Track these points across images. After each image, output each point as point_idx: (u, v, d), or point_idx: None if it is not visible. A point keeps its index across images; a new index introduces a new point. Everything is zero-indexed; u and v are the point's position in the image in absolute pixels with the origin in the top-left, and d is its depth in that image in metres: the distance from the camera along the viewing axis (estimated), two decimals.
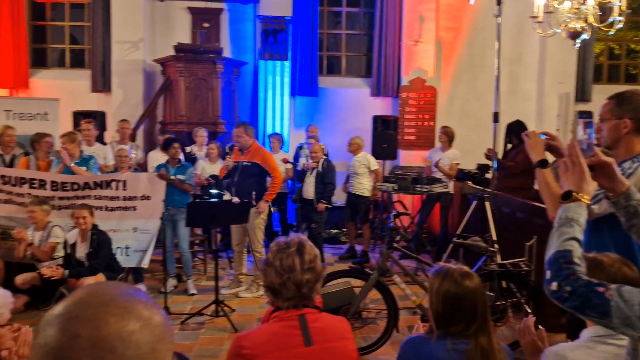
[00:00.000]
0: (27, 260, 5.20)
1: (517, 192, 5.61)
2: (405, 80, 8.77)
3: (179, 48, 7.76)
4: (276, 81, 8.51)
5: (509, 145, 6.28)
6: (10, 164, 5.74)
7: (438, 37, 8.76)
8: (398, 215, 6.71)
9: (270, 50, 8.45)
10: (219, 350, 4.26)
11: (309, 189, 6.52)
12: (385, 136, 8.07)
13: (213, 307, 4.94)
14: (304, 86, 8.89)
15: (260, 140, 7.73)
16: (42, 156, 5.75)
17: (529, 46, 8.92)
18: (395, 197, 7.42)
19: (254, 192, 5.46)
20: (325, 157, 6.67)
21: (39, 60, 9.09)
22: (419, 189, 6.50)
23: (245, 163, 5.61)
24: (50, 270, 4.77)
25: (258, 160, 5.57)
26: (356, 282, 4.45)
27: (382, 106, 9.09)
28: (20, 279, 4.98)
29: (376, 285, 4.20)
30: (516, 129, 5.89)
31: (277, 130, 8.26)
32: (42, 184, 5.39)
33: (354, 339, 2.03)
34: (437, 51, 8.75)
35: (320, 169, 6.50)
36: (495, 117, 4.81)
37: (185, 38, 8.62)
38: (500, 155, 6.01)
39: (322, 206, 6.37)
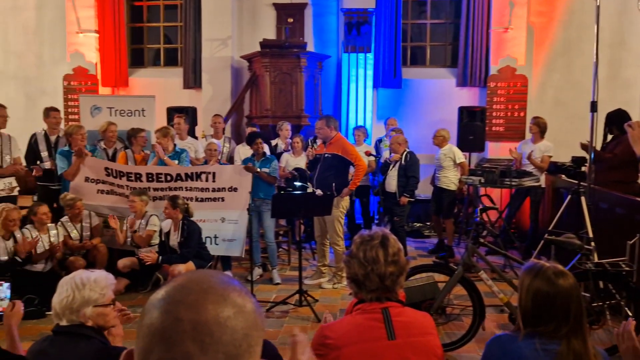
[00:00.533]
0: (128, 247, 5.60)
1: (617, 187, 5.21)
2: (493, 69, 8.43)
3: (265, 44, 7.96)
4: (359, 74, 8.49)
5: (609, 137, 5.85)
6: (113, 158, 6.18)
7: (529, 23, 8.32)
8: (485, 209, 6.47)
9: (353, 42, 8.44)
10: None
11: (392, 182, 6.46)
12: (472, 128, 7.81)
13: (297, 296, 5.06)
14: (387, 78, 8.81)
15: (343, 133, 7.76)
16: (137, 150, 6.15)
17: (632, 29, 8.23)
18: (482, 190, 7.17)
19: (333, 184, 5.50)
20: (407, 149, 6.57)
21: (137, 60, 9.71)
22: (507, 183, 6.23)
23: (326, 155, 5.68)
24: (146, 254, 5.12)
25: (338, 151, 5.60)
26: (440, 277, 4.36)
27: (468, 97, 8.80)
28: (121, 262, 5.38)
29: (461, 281, 4.09)
30: (617, 119, 5.47)
31: (360, 123, 8.26)
32: (138, 176, 5.76)
33: (437, 334, 2.00)
34: (528, 37, 8.32)
35: (403, 161, 6.42)
36: (593, 107, 4.49)
37: (271, 34, 8.82)
38: (599, 147, 5.61)
39: (404, 200, 6.30)
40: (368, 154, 6.85)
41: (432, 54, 9.43)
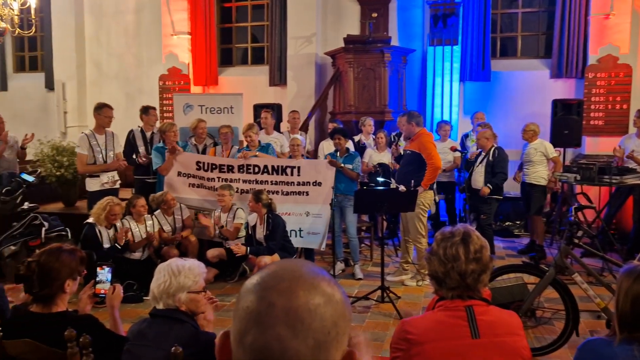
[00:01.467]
0: (217, 239, 5.85)
1: None
2: (592, 59, 7.87)
3: (348, 40, 7.97)
4: (445, 67, 8.27)
5: None
6: (203, 153, 6.48)
7: (634, 8, 7.67)
8: (580, 208, 6.07)
9: (439, 35, 8.23)
10: (384, 335, 4.33)
11: (478, 179, 6.23)
12: (567, 122, 7.33)
13: (379, 292, 5.04)
14: (475, 71, 8.51)
15: (428, 128, 7.60)
16: (226, 147, 6.41)
17: None
18: (577, 188, 6.73)
19: (412, 181, 5.40)
20: (495, 145, 6.30)
21: (226, 59, 10.10)
22: (606, 180, 5.80)
23: (407, 151, 5.60)
24: (236, 246, 5.33)
25: (416, 148, 5.49)
26: (530, 279, 4.15)
27: (563, 89, 8.28)
28: (210, 253, 5.63)
29: (552, 283, 3.87)
30: None
31: (446, 118, 8.04)
32: (230, 168, 6.02)
33: (524, 335, 1.91)
34: (633, 24, 7.68)
35: (490, 157, 6.16)
36: None
37: (355, 29, 8.82)
38: None
39: (485, 190, 5.96)
40: (453, 149, 6.66)
41: (523, 44, 8.98)
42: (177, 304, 2.19)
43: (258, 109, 7.86)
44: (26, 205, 5.53)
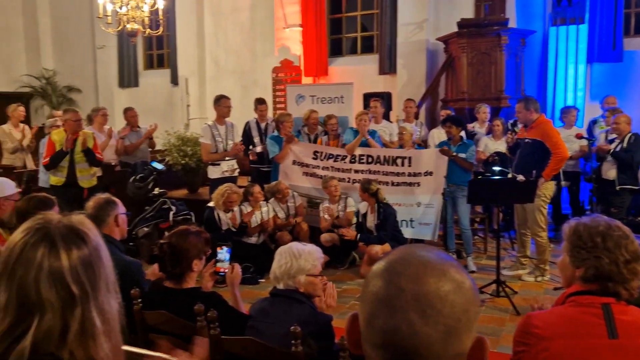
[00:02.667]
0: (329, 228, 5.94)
1: None
2: None
3: (462, 24, 7.67)
4: (569, 48, 7.66)
5: None
6: (315, 142, 6.63)
7: None
8: None
9: (562, 14, 7.64)
10: (500, 330, 4.15)
11: (610, 169, 5.71)
12: None
13: (494, 286, 4.83)
14: (604, 51, 7.78)
15: (549, 115, 7.11)
16: (332, 136, 6.49)
17: None
18: None
19: (534, 172, 5.07)
20: (631, 131, 5.72)
21: (336, 50, 10.20)
22: None
23: (527, 140, 5.25)
24: (346, 230, 5.40)
25: (538, 136, 5.13)
26: None
27: None
28: (324, 237, 5.74)
29: None
30: None
31: (570, 103, 7.46)
32: (343, 157, 6.10)
33: None
34: None
35: (625, 144, 5.61)
36: None
37: (468, 13, 8.47)
38: None
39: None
40: (579, 136, 6.16)
41: None
42: (296, 285, 2.27)
43: (368, 98, 7.86)
44: (156, 190, 6.04)
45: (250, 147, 6.66)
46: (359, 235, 5.48)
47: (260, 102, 6.81)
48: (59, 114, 7.61)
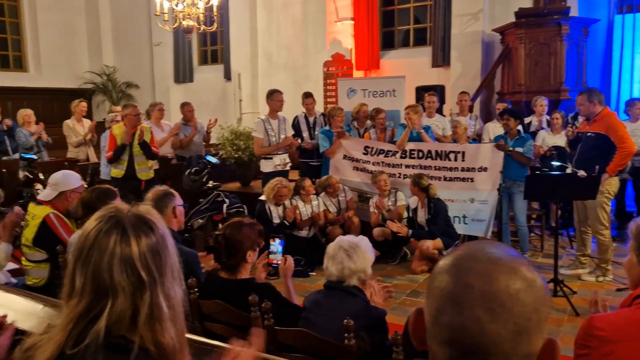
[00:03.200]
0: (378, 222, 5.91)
1: None
2: None
3: (520, 13, 7.42)
4: (636, 37, 7.26)
5: None
6: (362, 137, 6.59)
7: None
8: None
9: (629, 1, 7.24)
10: (557, 330, 4.01)
11: None
12: None
13: (551, 285, 4.66)
14: None
15: (613, 107, 6.78)
16: (379, 130, 6.43)
17: None
18: None
19: (596, 167, 4.83)
20: None
21: (388, 43, 10.09)
22: None
23: (589, 134, 5.02)
24: (397, 226, 5.35)
25: (602, 129, 4.89)
26: None
27: None
28: (376, 231, 5.70)
29: None
30: None
31: (636, 95, 7.08)
32: (394, 153, 6.04)
33: None
34: None
35: None
36: None
37: (527, 2, 8.17)
38: None
39: None
40: None
41: None
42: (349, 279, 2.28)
43: (420, 91, 7.74)
44: (211, 183, 6.18)
45: (298, 140, 6.69)
46: (410, 231, 5.42)
47: (306, 95, 6.83)
48: (118, 109, 7.93)
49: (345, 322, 2.01)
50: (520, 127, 5.82)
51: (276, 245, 2.78)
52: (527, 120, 6.69)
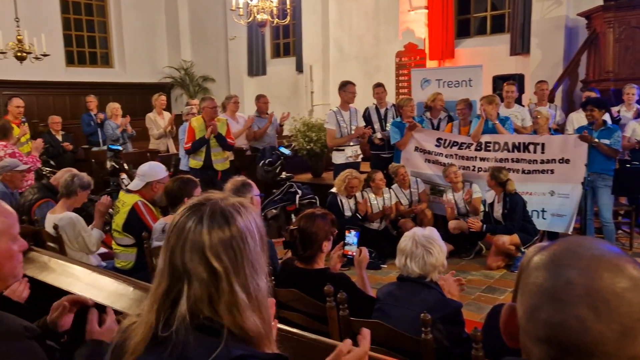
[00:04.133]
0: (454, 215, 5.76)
1: None
2: None
3: None
4: None
5: None
6: (438, 127, 6.45)
7: None
8: None
9: None
10: None
11: None
12: None
13: None
14: None
15: None
16: (464, 122, 6.22)
17: None
18: None
19: None
20: None
21: (463, 31, 9.79)
22: None
23: None
24: (473, 222, 5.21)
25: None
26: None
27: None
28: (452, 224, 5.57)
29: None
30: None
31: None
32: (468, 145, 5.86)
33: None
34: None
35: None
36: None
37: None
38: None
39: None
40: None
41: None
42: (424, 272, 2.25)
43: (497, 80, 7.46)
44: (284, 174, 6.29)
45: (372, 134, 6.65)
46: (484, 226, 5.25)
47: (377, 85, 6.76)
48: (194, 102, 8.23)
49: (422, 317, 1.99)
50: (607, 117, 5.47)
51: (352, 237, 2.79)
52: (615, 109, 6.28)
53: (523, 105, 7.01)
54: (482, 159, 5.79)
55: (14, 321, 1.37)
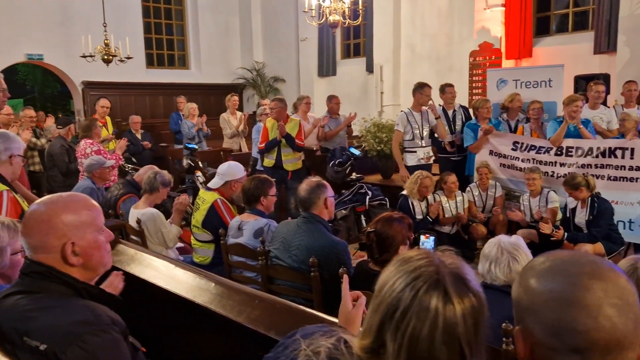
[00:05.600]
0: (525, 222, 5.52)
1: None
2: None
3: None
4: None
5: None
6: (515, 129, 6.20)
7: None
8: None
9: None
10: None
11: None
12: None
13: None
14: None
15: None
16: (535, 126, 5.96)
17: None
18: None
19: None
20: None
21: (542, 29, 9.38)
22: None
23: None
24: (549, 227, 4.96)
25: None
26: None
27: None
28: (521, 232, 5.34)
29: None
30: None
31: None
32: (548, 149, 5.59)
33: None
34: None
35: None
36: None
37: None
38: None
39: None
40: None
41: None
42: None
43: (580, 80, 7.09)
44: (354, 175, 6.28)
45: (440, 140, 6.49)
46: (565, 234, 4.99)
47: (448, 85, 6.57)
48: (266, 102, 8.40)
49: (504, 326, 1.92)
50: None
51: (430, 242, 2.75)
52: None
53: (609, 107, 6.61)
54: (562, 164, 5.51)
55: (105, 313, 1.43)
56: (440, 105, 6.56)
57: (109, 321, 1.40)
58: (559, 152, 5.52)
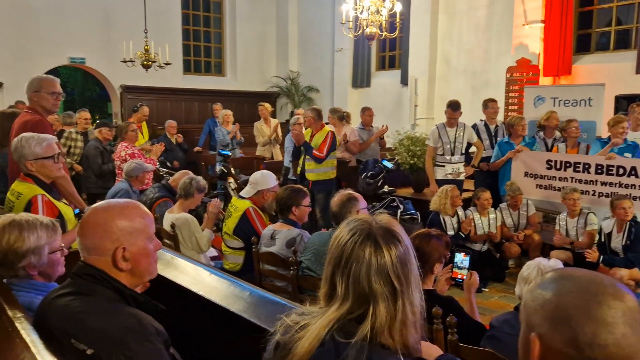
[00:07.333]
0: (566, 245, 5.36)
1: None
2: None
3: None
4: None
5: None
6: (551, 148, 6.07)
7: None
8: None
9: None
10: None
11: None
12: None
13: None
14: None
15: None
16: (571, 144, 5.83)
17: None
18: None
19: None
20: None
21: (582, 46, 9.20)
22: None
23: None
24: (589, 252, 4.84)
25: None
26: None
27: None
28: (556, 254, 5.21)
29: None
30: None
31: None
32: (586, 167, 5.47)
33: None
34: None
35: None
36: None
37: None
38: None
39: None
40: None
41: None
42: None
43: (621, 100, 6.92)
44: (386, 188, 6.26)
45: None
46: (601, 257, 4.86)
47: (490, 100, 6.51)
48: (300, 112, 8.45)
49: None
50: None
51: (466, 260, 2.72)
52: None
53: None
54: (603, 184, 5.37)
55: (149, 322, 1.45)
56: (482, 120, 6.51)
57: (153, 331, 1.42)
58: (599, 171, 5.38)
